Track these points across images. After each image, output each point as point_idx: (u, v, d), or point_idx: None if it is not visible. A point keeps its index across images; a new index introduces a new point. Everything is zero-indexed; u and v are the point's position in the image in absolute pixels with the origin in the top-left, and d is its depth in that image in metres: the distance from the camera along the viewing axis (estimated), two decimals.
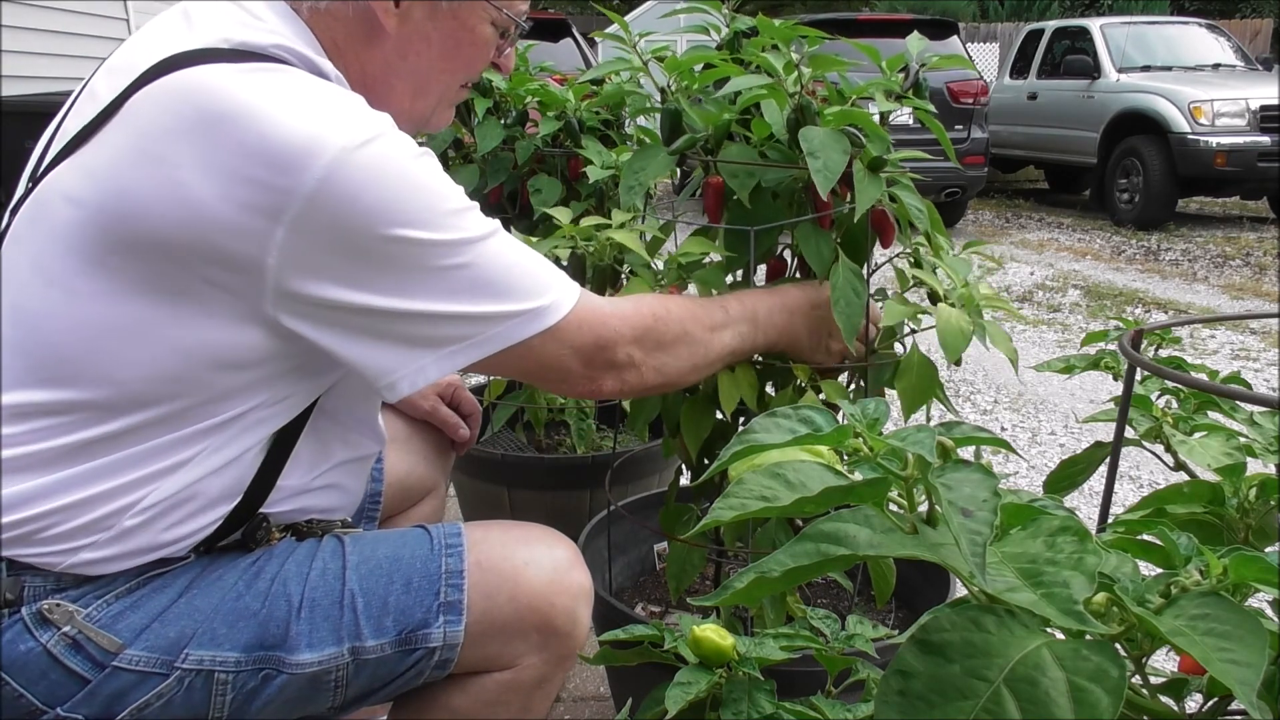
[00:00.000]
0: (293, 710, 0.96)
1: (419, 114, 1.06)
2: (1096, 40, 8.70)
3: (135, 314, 0.84)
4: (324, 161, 0.82)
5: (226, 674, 0.91)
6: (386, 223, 0.85)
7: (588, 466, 2.02)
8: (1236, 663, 0.44)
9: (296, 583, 0.95)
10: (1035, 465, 3.05)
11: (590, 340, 0.98)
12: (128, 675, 0.88)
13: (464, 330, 0.91)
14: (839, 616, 1.09)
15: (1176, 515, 0.78)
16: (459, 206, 0.91)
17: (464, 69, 1.06)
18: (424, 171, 0.89)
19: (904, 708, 0.45)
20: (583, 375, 1.00)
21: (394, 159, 0.86)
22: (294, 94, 0.85)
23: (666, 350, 1.06)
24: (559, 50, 6.84)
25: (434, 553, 1.00)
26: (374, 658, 0.96)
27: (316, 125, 0.83)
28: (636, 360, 1.03)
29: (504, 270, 0.92)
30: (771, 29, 1.26)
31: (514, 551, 1.02)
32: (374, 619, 0.96)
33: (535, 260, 0.97)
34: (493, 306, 0.91)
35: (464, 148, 2.06)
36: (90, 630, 0.87)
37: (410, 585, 0.98)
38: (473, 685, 1.01)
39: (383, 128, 0.87)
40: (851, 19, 7.98)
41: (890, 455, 0.55)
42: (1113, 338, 1.27)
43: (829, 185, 1.11)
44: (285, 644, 0.93)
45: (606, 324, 1.00)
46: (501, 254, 0.93)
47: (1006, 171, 10.81)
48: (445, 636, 0.97)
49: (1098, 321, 4.91)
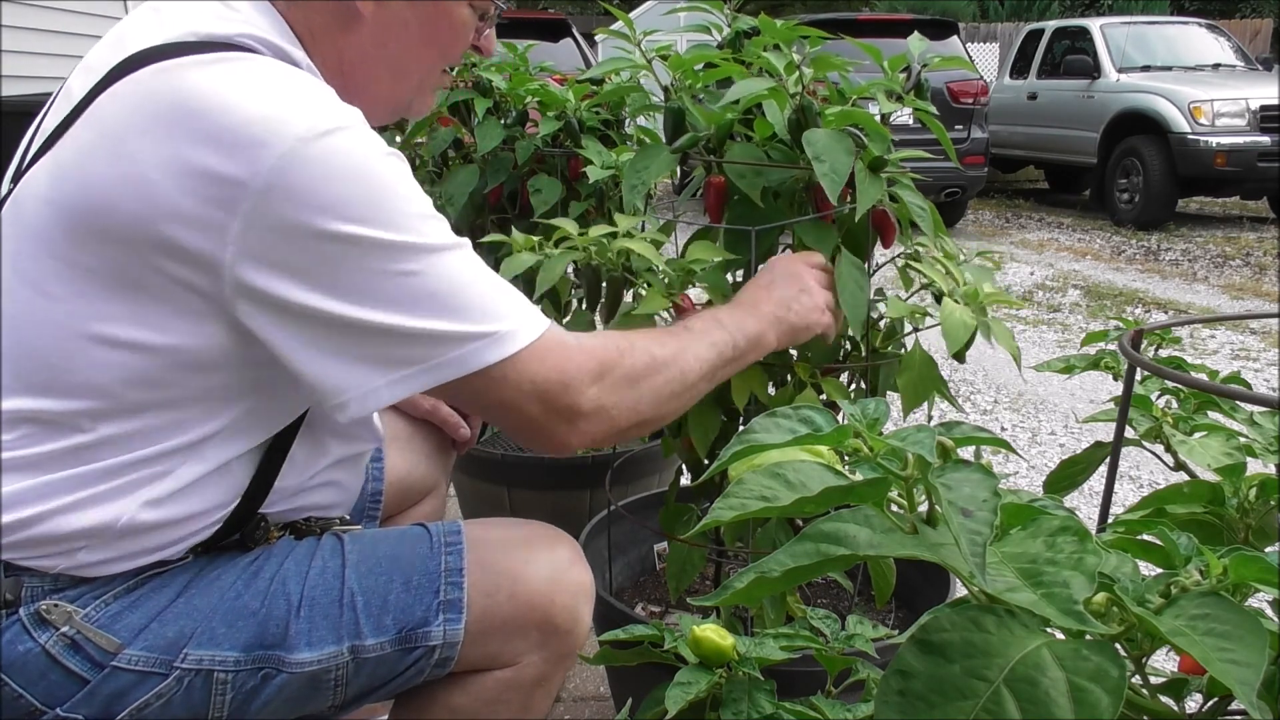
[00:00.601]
0: (293, 709, 0.96)
1: (399, 99, 1.04)
2: (1096, 40, 8.70)
3: (106, 313, 0.83)
4: (278, 152, 0.79)
5: (226, 673, 0.91)
6: (340, 218, 0.81)
7: (588, 466, 2.02)
8: (1236, 663, 0.44)
9: (295, 581, 0.95)
10: (1035, 465, 3.05)
11: (554, 378, 0.90)
12: (127, 675, 0.88)
13: (416, 351, 0.86)
14: (839, 616, 1.09)
15: (1176, 515, 0.78)
16: (421, 212, 0.87)
17: (443, 53, 1.03)
18: (387, 170, 0.85)
19: (904, 708, 0.45)
20: (543, 422, 0.92)
21: (355, 153, 0.83)
22: (254, 83, 0.83)
23: (637, 385, 0.96)
24: (559, 50, 6.84)
25: (434, 551, 1.00)
26: (374, 656, 0.96)
27: (274, 114, 0.81)
28: (606, 404, 0.94)
29: (463, 286, 0.87)
30: (773, 29, 1.26)
31: (514, 549, 1.02)
32: (374, 617, 0.96)
33: (498, 283, 0.91)
34: (447, 324, 0.86)
35: (464, 148, 2.06)
36: (89, 630, 0.87)
37: (410, 583, 0.98)
38: (473, 683, 1.01)
39: (347, 121, 0.84)
40: (852, 19, 7.99)
41: (890, 455, 0.55)
42: (1113, 338, 1.27)
43: (837, 189, 1.11)
44: (285, 643, 0.93)
45: (571, 359, 0.92)
46: (461, 270, 0.88)
47: (1006, 171, 10.81)
48: (445, 635, 0.97)
49: (1098, 321, 4.91)
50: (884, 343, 1.37)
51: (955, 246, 1.31)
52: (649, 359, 0.97)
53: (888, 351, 1.36)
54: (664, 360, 0.99)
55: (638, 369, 0.96)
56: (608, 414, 0.94)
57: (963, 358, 1.23)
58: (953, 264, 1.27)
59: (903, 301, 1.28)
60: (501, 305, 0.89)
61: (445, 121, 2.02)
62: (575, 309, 1.53)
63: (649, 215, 1.67)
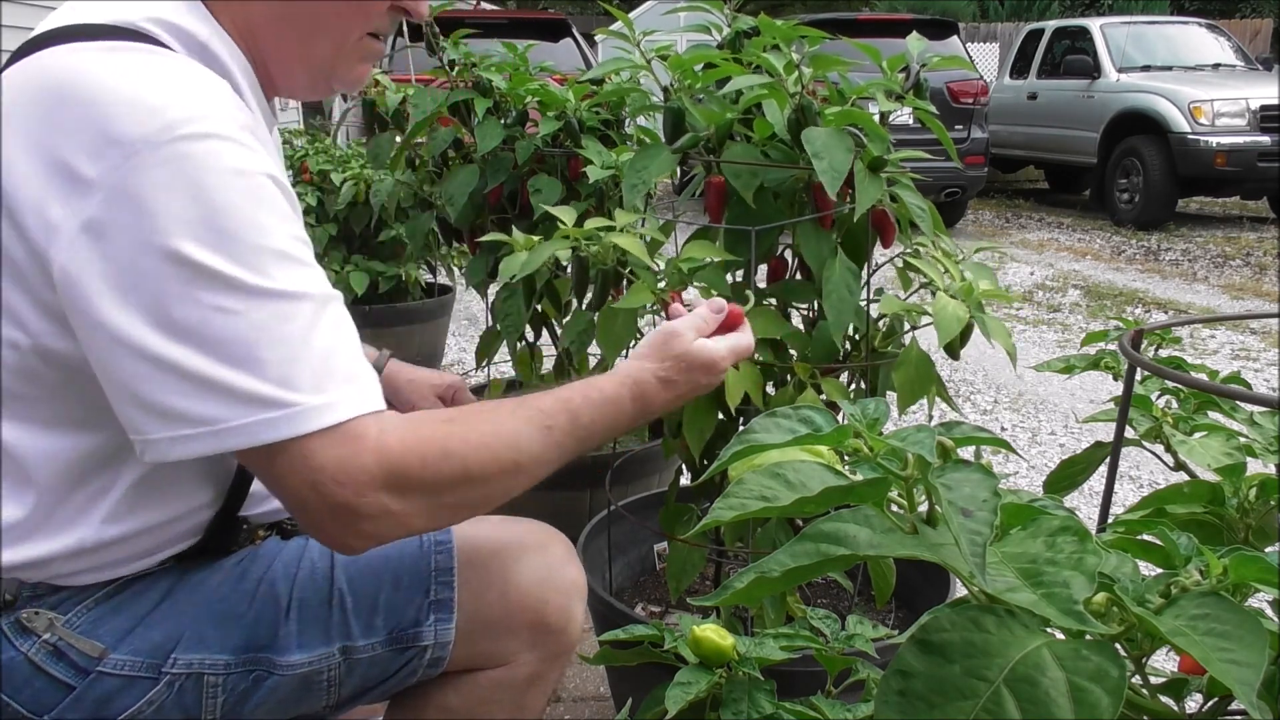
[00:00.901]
0: (286, 710, 0.96)
1: (315, 63, 0.93)
2: (1096, 40, 8.70)
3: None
4: (123, 151, 0.73)
5: (217, 676, 0.90)
6: (173, 233, 0.73)
7: (588, 466, 2.02)
8: (1236, 663, 0.44)
9: (284, 583, 0.95)
10: (1035, 465, 3.05)
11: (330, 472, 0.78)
12: (113, 680, 0.87)
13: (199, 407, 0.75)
14: (839, 616, 1.09)
15: (1176, 515, 0.78)
16: (277, 249, 0.77)
17: (358, 13, 0.92)
18: (248, 190, 0.77)
19: (904, 708, 0.45)
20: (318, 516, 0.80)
21: (212, 165, 0.75)
22: (125, 77, 0.77)
23: (439, 495, 0.84)
24: (559, 50, 6.84)
25: (423, 550, 1.00)
26: (365, 657, 0.96)
27: (132, 111, 0.75)
28: (394, 510, 0.81)
29: (280, 342, 0.76)
30: (773, 29, 1.26)
31: (505, 549, 1.02)
32: (364, 618, 0.96)
33: (334, 355, 0.79)
34: (240, 379, 0.75)
35: (464, 148, 2.06)
36: (71, 637, 0.86)
37: (400, 584, 0.98)
38: (466, 683, 1.01)
39: (217, 128, 0.76)
40: (851, 19, 7.99)
41: (890, 455, 0.55)
42: (1113, 338, 1.27)
43: (836, 185, 1.12)
44: (275, 645, 0.92)
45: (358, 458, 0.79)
46: (294, 326, 0.77)
47: (1006, 171, 10.81)
48: (436, 635, 0.97)
49: (1098, 321, 4.90)
50: (884, 342, 1.37)
51: (954, 245, 1.31)
52: (461, 470, 0.84)
53: (887, 351, 1.36)
54: (480, 474, 0.85)
55: (442, 480, 0.83)
56: (396, 519, 0.82)
57: (956, 353, 1.23)
58: (950, 261, 1.27)
59: (898, 299, 1.28)
60: (314, 378, 0.77)
61: (445, 121, 2.02)
62: (575, 309, 1.53)
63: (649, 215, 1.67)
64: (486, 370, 2.22)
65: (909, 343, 1.29)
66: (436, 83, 2.05)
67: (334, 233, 3.46)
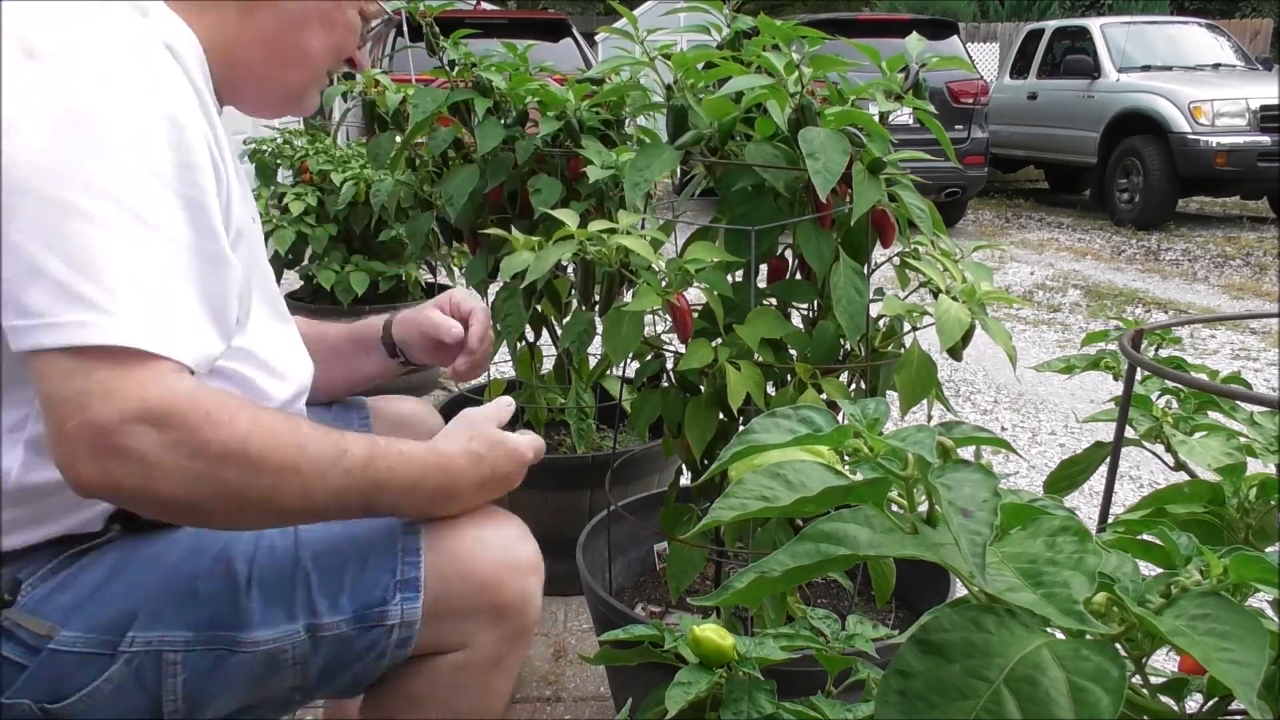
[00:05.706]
0: (252, 690, 0.95)
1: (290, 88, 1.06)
2: (1096, 40, 8.71)
3: None
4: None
5: (176, 654, 0.90)
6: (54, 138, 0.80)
7: (588, 466, 2.02)
8: (1236, 663, 0.44)
9: (243, 561, 0.94)
10: (1035, 465, 3.05)
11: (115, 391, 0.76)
12: (67, 657, 0.87)
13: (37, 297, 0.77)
14: (839, 616, 1.09)
15: (1176, 515, 0.78)
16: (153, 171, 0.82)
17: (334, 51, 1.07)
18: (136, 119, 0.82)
19: (904, 708, 0.45)
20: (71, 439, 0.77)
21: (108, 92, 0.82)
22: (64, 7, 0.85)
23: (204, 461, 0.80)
24: (559, 50, 6.84)
25: (389, 529, 1.00)
26: (331, 635, 0.95)
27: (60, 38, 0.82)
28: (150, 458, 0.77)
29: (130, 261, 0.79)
30: (773, 29, 1.26)
31: (465, 529, 1.01)
32: (330, 596, 0.95)
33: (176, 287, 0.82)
34: (79, 283, 0.77)
35: (464, 148, 2.06)
36: (16, 615, 0.87)
37: (367, 562, 0.97)
38: (428, 669, 1.01)
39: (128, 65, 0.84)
40: (851, 19, 7.99)
41: (890, 455, 0.55)
42: (1113, 338, 1.27)
43: (828, 186, 1.11)
44: (237, 622, 0.92)
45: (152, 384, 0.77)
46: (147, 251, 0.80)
47: (1006, 171, 10.81)
48: (403, 614, 0.97)
49: (1098, 321, 4.90)
50: (884, 342, 1.37)
51: (953, 244, 1.31)
52: (240, 445, 0.81)
53: (888, 351, 1.36)
54: (256, 456, 0.82)
55: (214, 444, 0.79)
56: (146, 467, 0.77)
57: (959, 355, 1.23)
58: (950, 261, 1.27)
59: (900, 300, 1.28)
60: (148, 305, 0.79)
61: (445, 121, 2.02)
62: (575, 309, 1.53)
63: (649, 214, 1.67)
64: (486, 370, 2.22)
65: (910, 344, 1.29)
66: (436, 83, 2.05)
67: (334, 233, 3.46)
